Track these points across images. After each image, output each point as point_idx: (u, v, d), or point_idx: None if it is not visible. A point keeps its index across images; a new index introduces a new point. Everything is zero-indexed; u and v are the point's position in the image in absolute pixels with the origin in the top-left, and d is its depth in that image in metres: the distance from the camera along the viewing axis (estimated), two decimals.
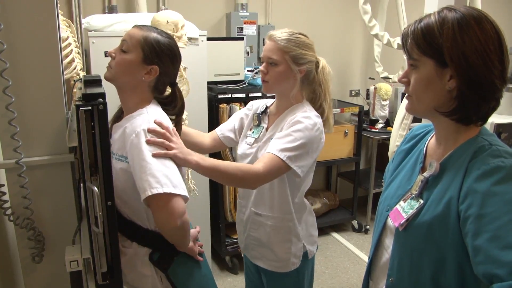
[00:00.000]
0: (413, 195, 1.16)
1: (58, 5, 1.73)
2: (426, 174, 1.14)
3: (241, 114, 1.99)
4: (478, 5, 2.74)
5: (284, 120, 1.78)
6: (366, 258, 3.70)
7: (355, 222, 4.20)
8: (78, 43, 2.58)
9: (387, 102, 4.08)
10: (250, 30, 3.66)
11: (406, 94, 1.15)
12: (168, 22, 2.34)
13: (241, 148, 1.89)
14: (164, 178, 1.35)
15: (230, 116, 3.10)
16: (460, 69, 1.01)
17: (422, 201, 1.13)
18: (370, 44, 4.16)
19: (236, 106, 3.13)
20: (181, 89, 2.47)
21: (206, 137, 1.99)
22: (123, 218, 1.52)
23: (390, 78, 3.84)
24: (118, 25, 2.71)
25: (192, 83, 2.61)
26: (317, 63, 1.83)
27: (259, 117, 1.89)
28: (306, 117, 1.71)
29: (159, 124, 1.45)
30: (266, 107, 1.90)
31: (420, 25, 1.07)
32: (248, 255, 1.95)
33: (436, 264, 1.09)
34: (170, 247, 1.52)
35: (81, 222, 1.73)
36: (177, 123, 1.64)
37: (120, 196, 1.48)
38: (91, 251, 1.38)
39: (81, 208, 1.77)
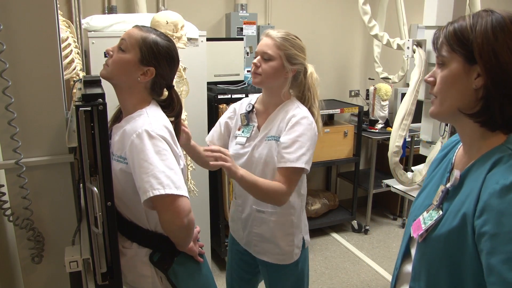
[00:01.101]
0: (435, 206, 1.14)
1: (58, 5, 1.73)
2: (448, 184, 1.11)
3: (224, 119, 2.02)
4: (478, 5, 2.74)
5: (277, 117, 1.83)
6: (365, 259, 3.70)
7: (354, 223, 4.20)
8: (77, 43, 2.58)
9: (387, 102, 4.08)
10: (249, 31, 3.66)
11: (431, 98, 1.13)
12: (167, 23, 2.34)
13: (233, 149, 1.92)
14: (166, 179, 1.35)
15: None
16: (488, 65, 0.98)
17: (441, 213, 1.10)
18: (370, 44, 4.16)
19: None
20: (181, 89, 2.49)
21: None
22: (123, 218, 1.52)
23: (390, 79, 3.85)
24: (118, 25, 2.71)
25: (192, 84, 2.61)
26: (305, 69, 1.87)
27: (247, 116, 1.92)
28: (303, 117, 1.77)
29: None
30: (253, 106, 1.93)
31: (453, 25, 1.06)
32: (251, 250, 1.98)
33: (453, 280, 1.05)
34: (170, 248, 1.52)
35: (80, 223, 1.73)
36: (177, 124, 1.64)
37: (119, 197, 1.48)
38: (90, 252, 1.38)
39: (80, 208, 1.77)
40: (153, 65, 1.48)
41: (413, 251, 1.22)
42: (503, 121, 1.01)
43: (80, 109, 1.27)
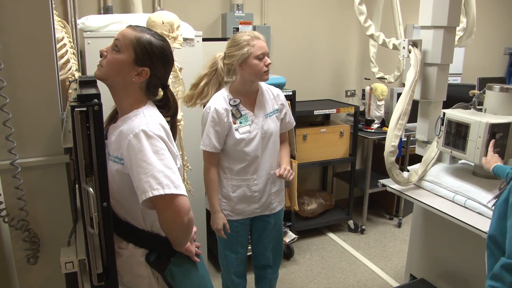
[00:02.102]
0: None
1: (53, 5, 1.73)
2: None
3: (215, 128, 2.23)
4: (473, 5, 2.75)
5: (263, 97, 2.33)
6: (362, 258, 3.71)
7: (351, 222, 4.20)
8: (73, 43, 2.57)
9: (383, 102, 4.08)
10: None
11: None
12: (163, 23, 2.33)
13: (242, 137, 2.24)
14: (165, 179, 1.35)
15: None
16: None
17: None
18: (366, 44, 4.17)
19: None
20: (177, 89, 2.48)
21: (218, 165, 2.35)
22: (119, 219, 1.52)
23: (386, 79, 3.85)
24: (114, 25, 2.70)
25: (188, 84, 2.60)
26: None
27: (238, 109, 2.25)
28: (277, 89, 2.42)
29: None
30: (239, 100, 2.26)
31: None
32: (268, 211, 2.43)
33: None
34: (167, 248, 1.52)
35: (76, 223, 1.73)
36: (173, 124, 1.64)
37: (115, 197, 1.48)
38: (86, 252, 1.38)
39: (76, 209, 1.77)
40: (147, 65, 1.47)
41: None
42: None
43: (76, 109, 1.27)
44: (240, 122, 2.25)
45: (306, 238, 4.02)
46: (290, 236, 3.62)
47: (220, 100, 2.24)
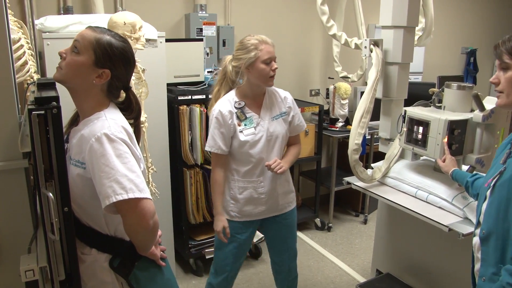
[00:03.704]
0: (501, 165, 1.53)
1: (8, 5, 1.68)
2: None
3: (220, 130, 2.26)
4: (431, 6, 2.82)
5: (270, 101, 2.35)
6: (329, 255, 3.75)
7: (317, 220, 4.25)
8: (31, 45, 2.50)
9: (347, 101, 4.15)
10: (209, 31, 3.65)
11: (497, 93, 1.52)
12: (125, 24, 2.30)
13: (246, 139, 2.26)
14: (129, 183, 1.33)
15: (190, 118, 3.09)
16: None
17: (504, 166, 1.49)
18: (329, 44, 4.22)
19: (196, 107, 3.11)
20: (140, 91, 2.45)
21: (225, 167, 2.37)
22: (81, 224, 1.49)
23: (349, 78, 3.91)
24: (74, 26, 2.64)
25: (151, 85, 2.58)
26: None
27: (243, 112, 2.28)
28: (285, 92, 2.43)
29: None
30: (244, 103, 2.29)
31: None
32: (277, 211, 2.44)
33: None
34: (131, 253, 1.50)
35: (37, 230, 1.68)
36: (136, 127, 1.61)
37: (77, 202, 1.44)
38: (47, 259, 1.35)
39: (37, 215, 1.72)
40: (108, 67, 1.45)
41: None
42: None
43: (33, 112, 1.23)
44: (245, 124, 2.27)
45: None
46: (257, 235, 3.63)
47: (225, 103, 2.28)
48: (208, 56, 3.66)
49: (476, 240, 1.60)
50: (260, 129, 2.29)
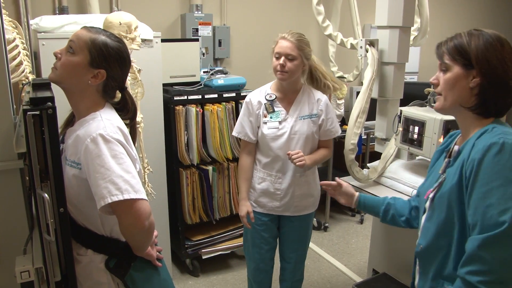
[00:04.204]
0: (440, 174, 1.46)
1: (3, 4, 1.67)
2: (451, 158, 1.43)
3: (249, 118, 2.35)
4: (426, 6, 2.83)
5: (302, 100, 2.34)
6: (325, 255, 3.76)
7: (314, 220, 4.24)
8: (26, 45, 2.49)
9: (343, 101, 4.15)
10: (205, 31, 3.65)
11: (437, 96, 1.44)
12: (121, 24, 2.29)
13: (268, 132, 2.31)
14: (124, 184, 1.33)
15: (186, 118, 3.09)
16: (483, 69, 1.31)
17: (444, 176, 1.43)
18: (325, 44, 4.22)
19: (192, 108, 3.10)
20: (136, 91, 2.44)
21: (252, 155, 2.43)
22: (77, 225, 1.48)
23: (345, 78, 3.90)
24: (69, 26, 2.64)
25: (147, 85, 2.57)
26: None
27: (272, 105, 2.33)
28: (327, 98, 2.39)
29: None
30: (275, 96, 2.34)
31: (453, 41, 1.39)
32: (289, 212, 2.41)
33: (461, 229, 1.35)
34: (127, 253, 1.50)
35: (32, 231, 1.68)
36: (132, 127, 1.61)
37: (73, 203, 1.44)
38: (43, 260, 1.34)
39: (32, 216, 1.71)
40: (103, 67, 1.44)
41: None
42: (496, 110, 1.36)
43: (28, 113, 1.23)
44: (271, 117, 2.31)
45: None
46: None
47: (256, 93, 2.38)
48: (204, 56, 3.66)
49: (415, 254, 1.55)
50: (285, 125, 2.31)
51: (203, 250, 3.37)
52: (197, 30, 3.62)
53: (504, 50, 1.33)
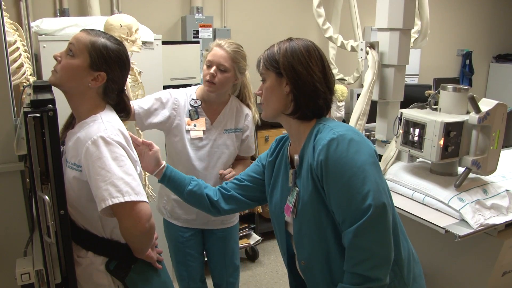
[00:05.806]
0: (291, 187, 1.46)
1: (4, 7, 1.67)
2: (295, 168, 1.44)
3: (161, 110, 2.09)
4: (426, 7, 2.83)
5: (229, 113, 2.16)
6: None
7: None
8: (27, 47, 2.49)
9: (343, 103, 4.16)
10: (205, 34, 3.65)
11: (262, 104, 1.48)
12: (121, 26, 2.30)
13: (191, 142, 2.10)
14: (125, 186, 1.33)
15: None
16: (290, 76, 1.39)
17: (298, 189, 1.42)
18: (325, 46, 4.23)
19: None
20: (136, 93, 2.45)
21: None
22: (77, 227, 1.48)
23: (346, 80, 3.92)
24: (70, 28, 2.64)
25: (148, 88, 2.57)
26: None
27: (196, 111, 2.12)
28: (252, 116, 2.23)
29: None
30: (200, 103, 2.13)
31: (267, 51, 1.47)
32: (210, 226, 2.22)
33: (333, 226, 1.37)
34: (127, 255, 1.50)
35: (33, 233, 1.68)
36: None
37: (73, 205, 1.44)
38: (44, 262, 1.35)
39: (33, 218, 1.72)
40: (103, 69, 1.44)
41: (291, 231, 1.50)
42: (311, 112, 1.41)
43: (29, 115, 1.23)
44: (194, 125, 2.11)
45: (270, 239, 4.03)
46: (254, 238, 3.63)
47: (182, 94, 2.14)
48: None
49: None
50: (208, 136, 2.12)
51: None
52: (197, 32, 3.62)
53: (310, 56, 1.41)
